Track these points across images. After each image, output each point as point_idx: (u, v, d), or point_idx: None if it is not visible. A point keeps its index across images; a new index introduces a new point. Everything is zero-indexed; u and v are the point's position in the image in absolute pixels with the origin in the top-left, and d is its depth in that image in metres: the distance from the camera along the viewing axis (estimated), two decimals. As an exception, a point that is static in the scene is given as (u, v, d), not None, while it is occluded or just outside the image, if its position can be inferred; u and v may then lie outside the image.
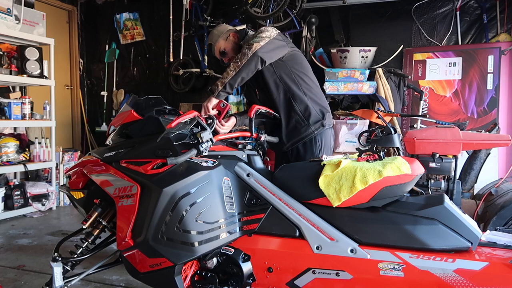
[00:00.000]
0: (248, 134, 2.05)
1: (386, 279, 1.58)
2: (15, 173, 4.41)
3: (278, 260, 1.72)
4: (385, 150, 1.79)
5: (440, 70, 4.31)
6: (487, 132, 2.85)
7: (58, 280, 1.85)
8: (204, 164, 1.73)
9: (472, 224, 1.60)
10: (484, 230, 1.99)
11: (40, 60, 4.21)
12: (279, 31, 2.30)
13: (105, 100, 5.95)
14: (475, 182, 2.94)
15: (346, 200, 1.64)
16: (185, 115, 1.70)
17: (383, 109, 4.01)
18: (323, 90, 4.04)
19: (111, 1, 5.77)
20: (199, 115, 1.74)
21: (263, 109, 2.19)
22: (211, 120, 1.80)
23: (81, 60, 6.08)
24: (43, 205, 4.21)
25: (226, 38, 2.43)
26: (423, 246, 1.57)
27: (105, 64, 5.93)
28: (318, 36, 4.68)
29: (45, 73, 4.30)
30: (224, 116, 2.22)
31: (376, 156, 1.75)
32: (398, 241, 1.60)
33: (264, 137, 2.11)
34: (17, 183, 4.23)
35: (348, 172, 1.66)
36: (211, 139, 1.69)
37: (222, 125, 2.21)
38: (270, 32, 2.24)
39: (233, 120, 2.31)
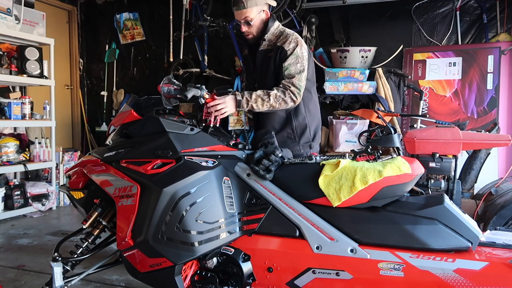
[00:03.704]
0: None
1: (386, 279, 1.58)
2: (15, 173, 4.40)
3: (278, 260, 1.72)
4: (380, 152, 1.79)
5: (440, 70, 4.30)
6: (487, 132, 2.85)
7: (58, 280, 1.85)
8: (204, 164, 1.74)
9: (472, 224, 1.60)
10: (484, 230, 1.99)
11: (40, 60, 4.20)
12: (306, 46, 2.27)
13: (105, 100, 5.95)
14: (475, 182, 2.94)
15: (346, 200, 1.64)
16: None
17: (383, 109, 4.01)
18: (323, 90, 4.05)
19: (111, 1, 5.77)
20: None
21: None
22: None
23: (81, 60, 6.07)
24: (43, 205, 4.21)
25: (259, 11, 2.25)
26: (423, 246, 1.57)
27: (105, 64, 5.93)
28: (318, 36, 4.68)
29: (45, 73, 4.30)
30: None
31: (373, 157, 1.75)
32: (398, 241, 1.60)
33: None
34: (17, 183, 4.23)
35: (348, 172, 1.66)
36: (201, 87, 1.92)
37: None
38: (304, 57, 2.21)
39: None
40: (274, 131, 2.32)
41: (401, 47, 4.45)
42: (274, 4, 2.38)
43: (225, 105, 2.04)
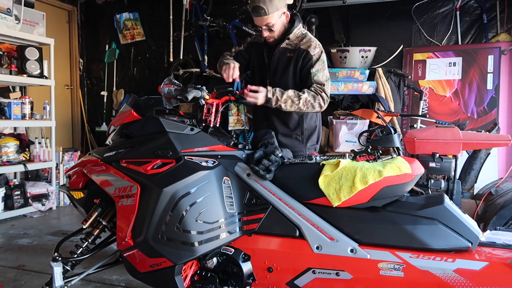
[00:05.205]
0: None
1: (386, 279, 1.58)
2: (15, 173, 4.40)
3: (278, 260, 1.72)
4: (380, 152, 1.79)
5: (440, 70, 4.30)
6: (487, 132, 2.85)
7: (58, 280, 1.85)
8: (204, 164, 1.74)
9: (472, 224, 1.60)
10: (484, 230, 1.99)
11: (40, 60, 4.20)
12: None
13: (105, 100, 5.95)
14: (475, 182, 2.94)
15: (346, 200, 1.64)
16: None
17: (383, 109, 4.01)
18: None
19: (111, 1, 5.77)
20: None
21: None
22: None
23: (81, 60, 6.07)
24: (43, 205, 4.20)
25: (280, 15, 2.21)
26: (423, 246, 1.57)
27: (105, 64, 5.93)
28: (318, 36, 4.67)
29: (45, 73, 4.30)
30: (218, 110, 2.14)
31: (373, 157, 1.76)
32: (398, 241, 1.60)
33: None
34: (17, 183, 4.22)
35: (348, 172, 1.66)
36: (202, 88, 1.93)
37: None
38: (325, 62, 2.27)
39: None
40: (283, 132, 2.34)
41: (401, 47, 4.45)
42: (291, 1, 2.33)
43: (257, 96, 2.09)
